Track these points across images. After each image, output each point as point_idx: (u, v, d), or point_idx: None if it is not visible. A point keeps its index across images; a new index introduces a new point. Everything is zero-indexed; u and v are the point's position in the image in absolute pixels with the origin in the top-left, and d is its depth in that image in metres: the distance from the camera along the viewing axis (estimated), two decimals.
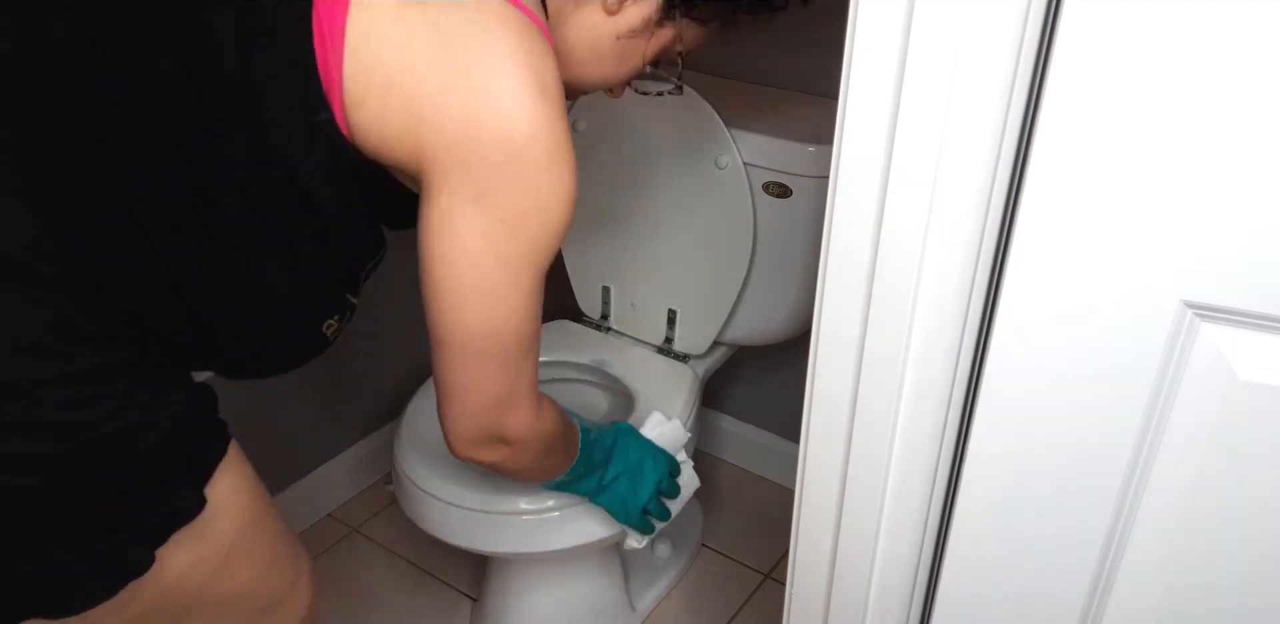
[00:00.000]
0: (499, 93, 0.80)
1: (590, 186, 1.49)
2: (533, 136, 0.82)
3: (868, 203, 0.65)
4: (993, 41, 0.57)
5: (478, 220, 0.83)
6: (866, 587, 0.83)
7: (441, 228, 0.83)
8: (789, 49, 1.45)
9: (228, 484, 0.86)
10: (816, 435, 0.78)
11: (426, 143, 0.80)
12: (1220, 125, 0.53)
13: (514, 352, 0.88)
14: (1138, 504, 0.67)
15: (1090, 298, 0.60)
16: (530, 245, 0.86)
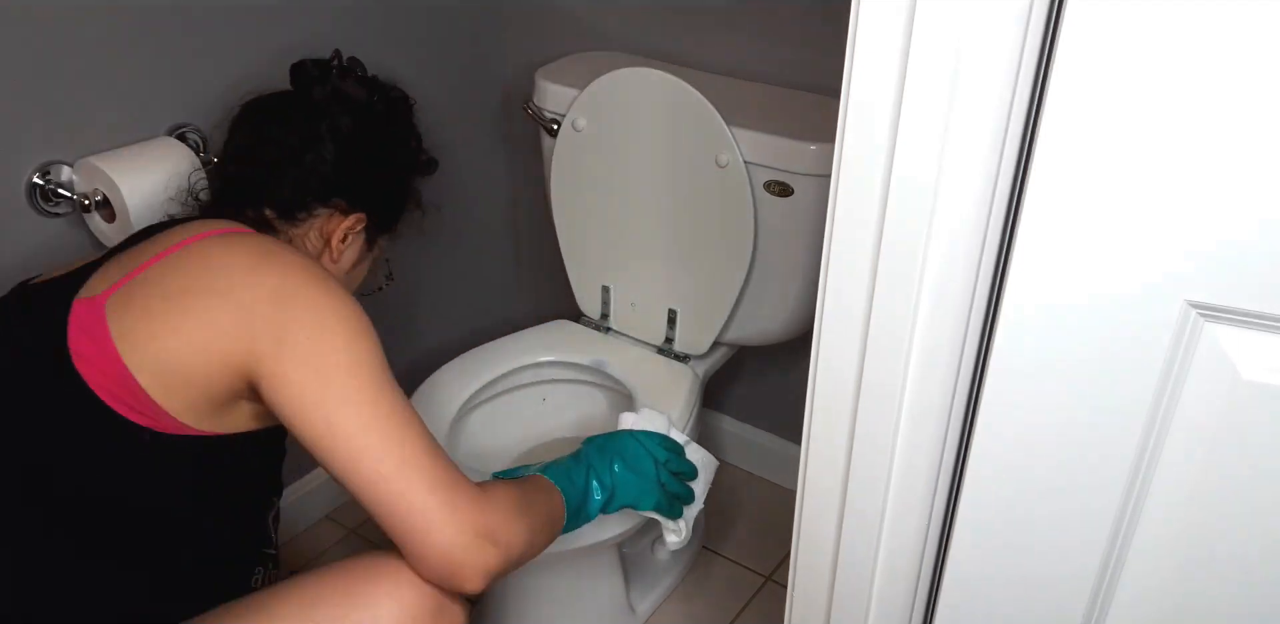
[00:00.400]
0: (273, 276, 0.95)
1: (590, 186, 1.49)
2: (321, 301, 0.95)
3: (870, 201, 0.65)
4: (995, 38, 0.56)
5: (308, 380, 0.90)
6: (869, 589, 0.83)
7: (292, 407, 0.91)
8: (790, 46, 1.44)
9: None
10: (818, 435, 0.78)
11: (248, 355, 0.91)
12: (1223, 124, 0.52)
13: (408, 451, 0.91)
14: (1142, 504, 0.66)
15: (1094, 297, 0.60)
16: (349, 364, 0.94)
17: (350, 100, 1.13)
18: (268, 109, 1.13)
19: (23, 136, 1.19)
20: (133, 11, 1.23)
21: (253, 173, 1.10)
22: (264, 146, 1.10)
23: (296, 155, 1.08)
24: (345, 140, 1.10)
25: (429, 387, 1.45)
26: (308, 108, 1.11)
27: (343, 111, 1.11)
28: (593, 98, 1.41)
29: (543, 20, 1.67)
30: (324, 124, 1.09)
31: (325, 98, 1.12)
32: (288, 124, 1.10)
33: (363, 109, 1.13)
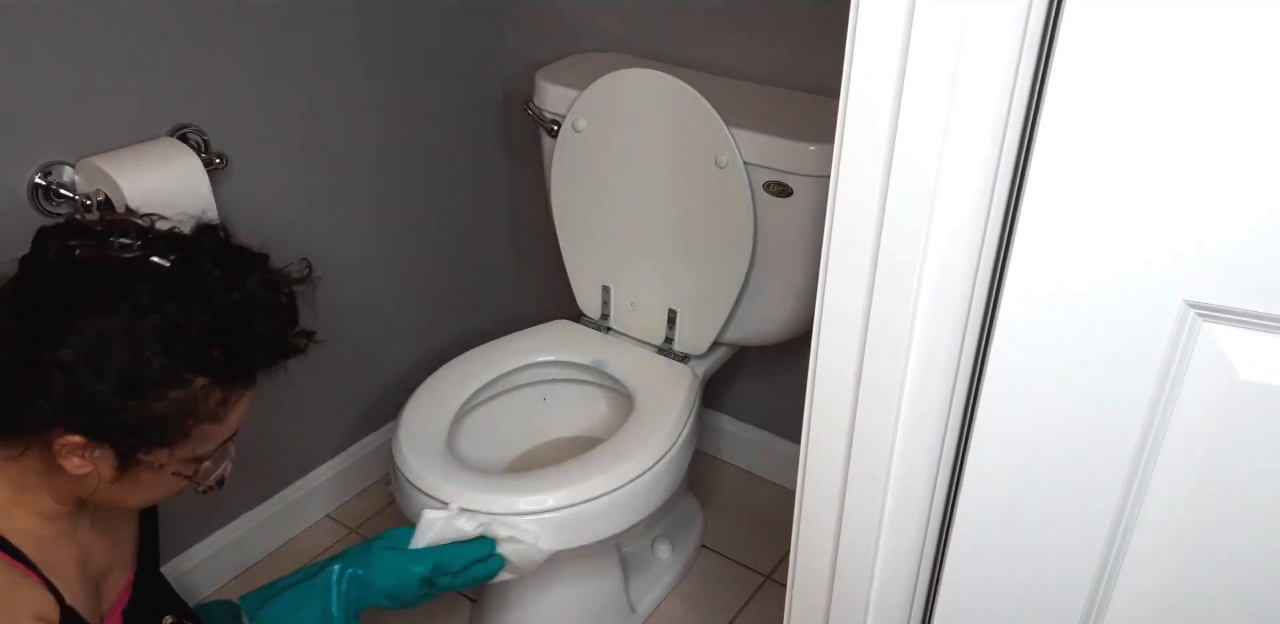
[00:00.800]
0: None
1: (590, 186, 1.49)
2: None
3: (869, 202, 0.65)
4: (995, 38, 0.57)
5: None
6: (868, 587, 0.83)
7: None
8: (790, 46, 1.45)
9: None
10: (818, 435, 0.78)
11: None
12: (1221, 123, 0.53)
13: None
14: (1140, 504, 0.66)
15: (1092, 297, 0.60)
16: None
17: (88, 297, 0.84)
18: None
19: (25, 137, 1.19)
20: (134, 11, 1.23)
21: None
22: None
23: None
24: (59, 363, 0.83)
25: (429, 386, 1.45)
26: (22, 306, 0.86)
27: (67, 319, 0.83)
28: (593, 98, 1.41)
29: (543, 20, 1.67)
30: (33, 337, 0.84)
31: (49, 296, 0.85)
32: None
33: (123, 302, 0.84)
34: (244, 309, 0.90)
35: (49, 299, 0.86)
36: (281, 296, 0.95)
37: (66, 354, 0.83)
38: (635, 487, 1.29)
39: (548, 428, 1.59)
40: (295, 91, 1.45)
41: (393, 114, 1.61)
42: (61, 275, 0.88)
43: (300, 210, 1.54)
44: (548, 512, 1.24)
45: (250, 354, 0.93)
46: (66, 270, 0.88)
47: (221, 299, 0.89)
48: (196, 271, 0.88)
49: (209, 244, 0.92)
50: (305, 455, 1.76)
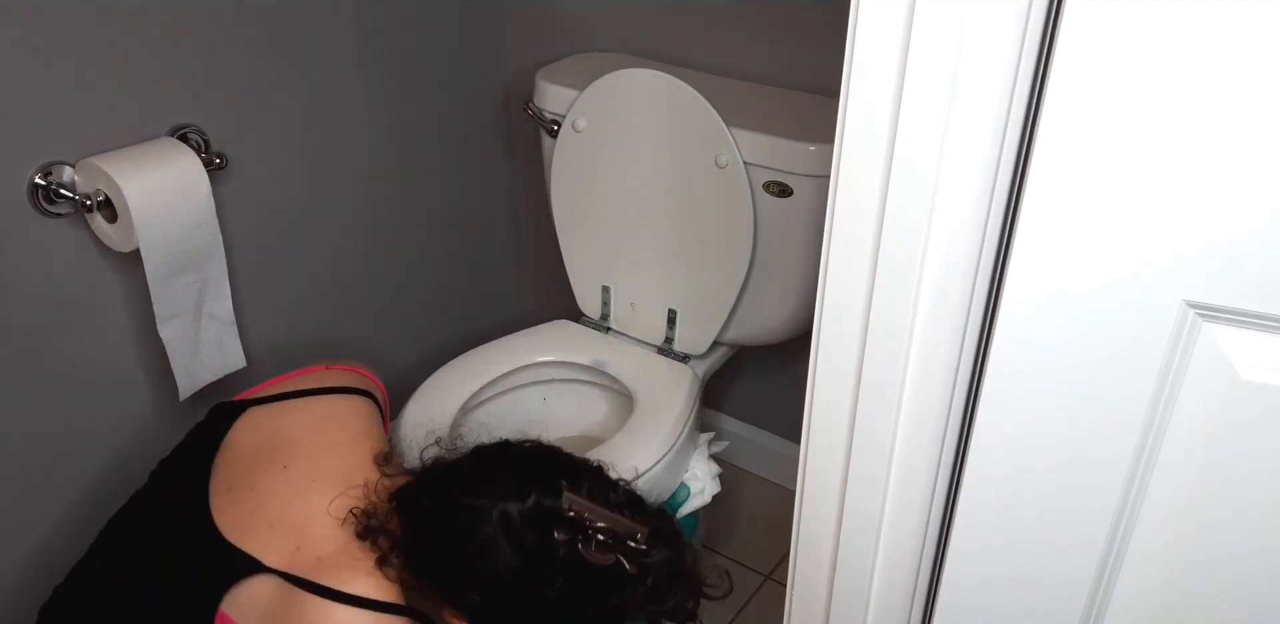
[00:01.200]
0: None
1: (590, 186, 1.49)
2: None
3: (869, 202, 0.65)
4: (995, 38, 0.57)
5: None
6: (868, 587, 0.83)
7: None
8: (790, 46, 1.45)
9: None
10: (818, 435, 0.78)
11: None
12: (1221, 124, 0.53)
13: None
14: (1140, 503, 0.67)
15: (1092, 297, 0.60)
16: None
17: (539, 567, 0.98)
18: (487, 501, 0.99)
19: (24, 137, 1.19)
20: (134, 11, 1.23)
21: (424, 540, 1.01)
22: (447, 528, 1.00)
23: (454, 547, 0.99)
24: (483, 584, 0.99)
25: (429, 387, 1.45)
26: (504, 534, 0.98)
27: (512, 574, 0.98)
28: (593, 98, 1.41)
29: (543, 20, 1.67)
30: (487, 556, 0.97)
31: (508, 545, 0.97)
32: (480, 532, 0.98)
33: (548, 584, 0.98)
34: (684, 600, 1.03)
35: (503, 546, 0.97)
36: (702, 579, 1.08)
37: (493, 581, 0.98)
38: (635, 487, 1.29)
39: (548, 428, 1.59)
40: (295, 92, 1.45)
41: (393, 114, 1.61)
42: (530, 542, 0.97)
43: (300, 210, 1.54)
44: None
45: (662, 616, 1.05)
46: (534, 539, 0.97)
47: (672, 594, 1.01)
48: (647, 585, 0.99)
49: (663, 556, 1.01)
50: None
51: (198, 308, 1.35)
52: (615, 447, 1.33)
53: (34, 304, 1.27)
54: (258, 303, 1.52)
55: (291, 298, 1.59)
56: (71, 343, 1.32)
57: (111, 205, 1.21)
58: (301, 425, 1.14)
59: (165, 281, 1.29)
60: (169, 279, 1.29)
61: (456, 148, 1.75)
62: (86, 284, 1.31)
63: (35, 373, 1.29)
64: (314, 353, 1.65)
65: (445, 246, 1.82)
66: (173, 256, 1.27)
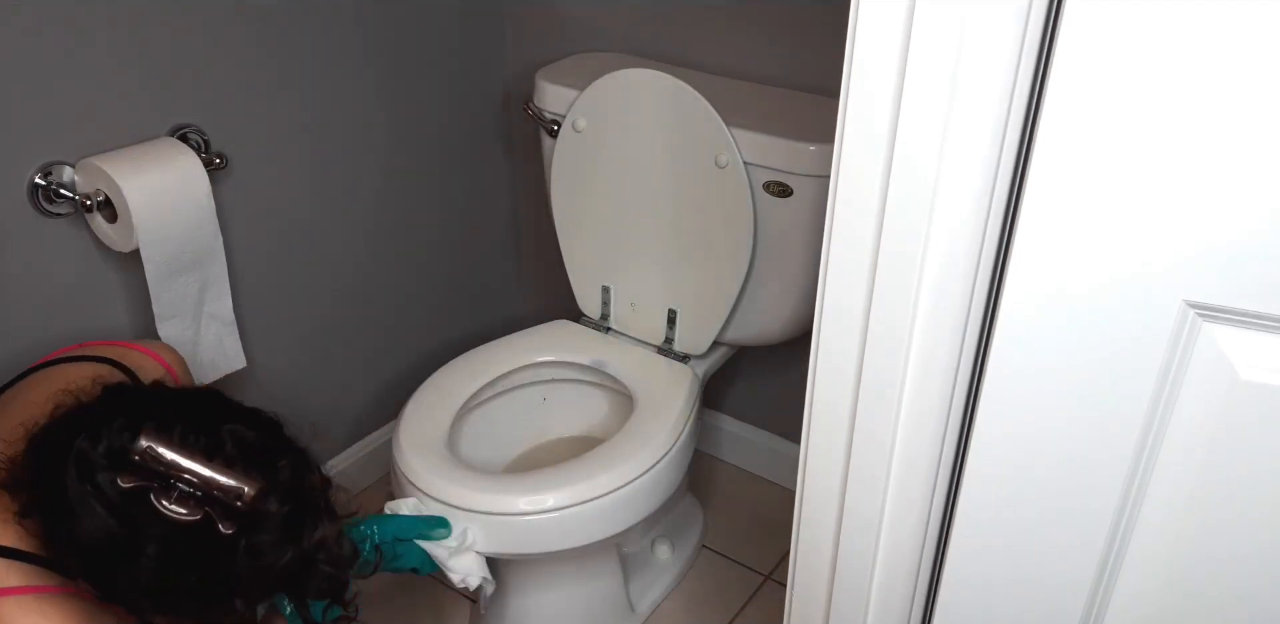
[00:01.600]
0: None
1: (590, 186, 1.49)
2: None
3: (869, 202, 0.65)
4: (995, 38, 0.57)
5: None
6: (868, 587, 0.83)
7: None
8: (790, 46, 1.45)
9: None
10: (818, 435, 0.78)
11: None
12: (1221, 123, 0.53)
13: None
14: (1140, 503, 0.67)
15: (1092, 297, 0.60)
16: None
17: (132, 520, 0.86)
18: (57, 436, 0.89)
19: (24, 137, 1.19)
20: (134, 11, 1.23)
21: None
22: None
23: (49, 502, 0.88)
24: (70, 541, 0.87)
25: (429, 387, 1.45)
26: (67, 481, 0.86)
27: (96, 527, 0.85)
28: (593, 98, 1.41)
29: (543, 20, 1.67)
30: (68, 510, 0.86)
31: (87, 494, 0.86)
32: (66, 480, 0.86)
33: (143, 542, 0.85)
34: (298, 567, 0.91)
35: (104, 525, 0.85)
36: (339, 551, 0.95)
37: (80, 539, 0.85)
38: (635, 487, 1.29)
39: (548, 428, 1.59)
40: (295, 92, 1.45)
41: (393, 114, 1.61)
42: (110, 505, 0.85)
43: (300, 210, 1.54)
44: (548, 511, 1.24)
45: (301, 595, 0.97)
46: (114, 502, 0.85)
47: (276, 560, 0.89)
48: (252, 539, 0.88)
49: (271, 513, 0.89)
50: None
51: (197, 308, 1.35)
52: (615, 447, 1.33)
53: (34, 304, 1.27)
54: (258, 303, 1.52)
55: (291, 298, 1.59)
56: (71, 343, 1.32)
57: (111, 205, 1.21)
58: (11, 394, 1.04)
59: (165, 281, 1.29)
60: (169, 279, 1.29)
61: (456, 148, 1.75)
62: (86, 284, 1.31)
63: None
64: (314, 352, 1.65)
65: (445, 246, 1.82)
66: (173, 257, 1.27)
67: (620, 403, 1.53)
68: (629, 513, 1.31)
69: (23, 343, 1.27)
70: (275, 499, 0.88)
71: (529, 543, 1.26)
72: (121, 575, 0.87)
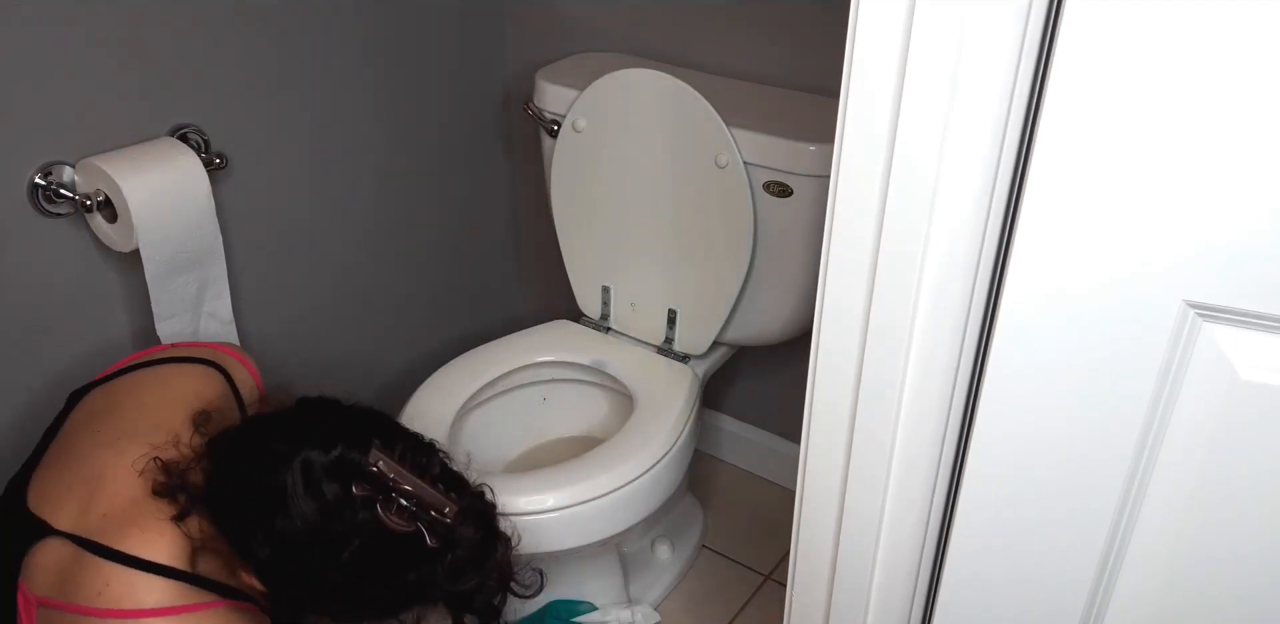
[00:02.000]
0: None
1: (590, 186, 1.49)
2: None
3: (869, 202, 0.65)
4: (995, 38, 0.57)
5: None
6: (868, 587, 0.83)
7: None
8: (790, 46, 1.45)
9: None
10: (818, 435, 0.78)
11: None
12: (1221, 123, 0.53)
13: None
14: (1140, 504, 0.67)
15: (1092, 297, 0.60)
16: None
17: (333, 526, 0.93)
18: (282, 442, 0.97)
19: (24, 137, 1.19)
20: (134, 11, 1.23)
21: (231, 510, 0.97)
22: (259, 498, 0.95)
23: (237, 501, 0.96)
24: (273, 541, 0.94)
25: (429, 387, 1.45)
26: (293, 478, 0.93)
27: (308, 532, 0.93)
28: (593, 98, 1.41)
29: (543, 20, 1.67)
30: (277, 507, 0.93)
31: (307, 501, 0.93)
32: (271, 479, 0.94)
33: (344, 547, 0.93)
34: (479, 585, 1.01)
35: (299, 500, 0.93)
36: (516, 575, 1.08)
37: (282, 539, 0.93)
38: (635, 486, 1.29)
39: (548, 428, 1.59)
40: (295, 92, 1.45)
41: (393, 114, 1.61)
42: (328, 508, 0.93)
43: (300, 210, 1.54)
44: (548, 511, 1.24)
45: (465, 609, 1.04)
46: (333, 505, 0.93)
47: (471, 577, 1.00)
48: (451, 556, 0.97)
49: (468, 536, 0.99)
50: None
51: (197, 308, 1.35)
52: (615, 447, 1.33)
53: (34, 304, 1.27)
54: (257, 303, 1.52)
55: (291, 298, 1.59)
56: (71, 342, 1.32)
57: (111, 205, 1.21)
58: (123, 392, 1.09)
59: (165, 281, 1.29)
60: (168, 279, 1.29)
61: (456, 148, 1.75)
62: (86, 284, 1.31)
63: (35, 373, 1.29)
64: (313, 352, 1.65)
65: (445, 246, 1.82)
66: (172, 256, 1.27)
67: (620, 403, 1.53)
68: (629, 513, 1.31)
69: (22, 343, 1.27)
70: (471, 520, 0.98)
71: (529, 543, 1.26)
72: (307, 569, 0.95)
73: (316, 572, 0.95)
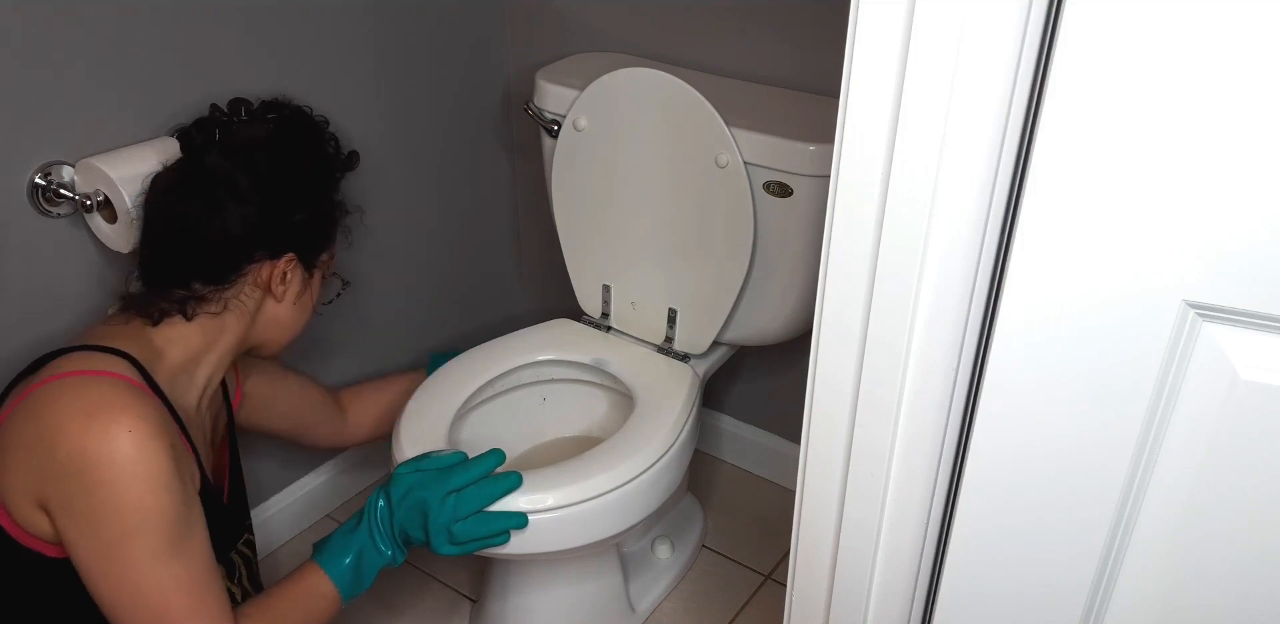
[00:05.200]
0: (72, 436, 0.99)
1: (590, 186, 1.49)
2: (96, 462, 0.98)
3: (869, 202, 0.65)
4: (995, 39, 0.57)
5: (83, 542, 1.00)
6: (868, 587, 0.83)
7: (81, 562, 1.01)
8: (790, 46, 1.45)
9: None
10: (817, 435, 0.78)
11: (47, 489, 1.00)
12: (1223, 125, 0.53)
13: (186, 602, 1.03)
14: (1140, 506, 0.66)
15: (1092, 297, 0.60)
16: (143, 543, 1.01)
17: (247, 151, 1.14)
18: (167, 186, 1.15)
19: (24, 137, 1.19)
20: (134, 11, 1.23)
21: (165, 254, 1.14)
22: (169, 225, 1.13)
23: (203, 227, 1.11)
24: (249, 198, 1.11)
25: (429, 386, 1.45)
26: (203, 177, 1.13)
27: (240, 169, 1.12)
28: (593, 98, 1.41)
29: (543, 20, 1.67)
30: (222, 190, 1.11)
31: (218, 164, 1.13)
32: (187, 198, 1.12)
33: (262, 153, 1.14)
34: (324, 140, 1.26)
35: (219, 166, 1.13)
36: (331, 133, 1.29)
37: (235, 212, 1.11)
38: (635, 486, 1.29)
39: (548, 428, 1.59)
40: (295, 92, 1.45)
41: (393, 114, 1.61)
42: (218, 150, 1.15)
43: None
44: (548, 511, 1.24)
45: (339, 166, 1.27)
46: (217, 146, 1.16)
47: (312, 137, 1.24)
48: (298, 115, 1.25)
49: (287, 108, 1.25)
50: (305, 455, 1.76)
51: None
52: (615, 446, 1.33)
53: (33, 304, 1.27)
54: None
55: None
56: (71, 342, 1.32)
57: (111, 205, 1.21)
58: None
59: None
60: None
61: (457, 148, 1.75)
62: (86, 284, 1.31)
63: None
64: (313, 351, 1.65)
65: (446, 246, 1.82)
66: None
67: (620, 403, 1.53)
68: (629, 513, 1.31)
69: (22, 343, 1.27)
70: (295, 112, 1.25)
71: (529, 543, 1.26)
72: (287, 193, 1.15)
73: (286, 188, 1.15)
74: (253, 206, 1.12)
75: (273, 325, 1.22)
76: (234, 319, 1.17)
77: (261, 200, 1.12)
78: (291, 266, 1.18)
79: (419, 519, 1.20)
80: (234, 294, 1.15)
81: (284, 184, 1.15)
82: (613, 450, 1.32)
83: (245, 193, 1.11)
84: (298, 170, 1.17)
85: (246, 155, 1.14)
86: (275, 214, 1.14)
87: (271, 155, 1.15)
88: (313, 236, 1.21)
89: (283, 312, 1.21)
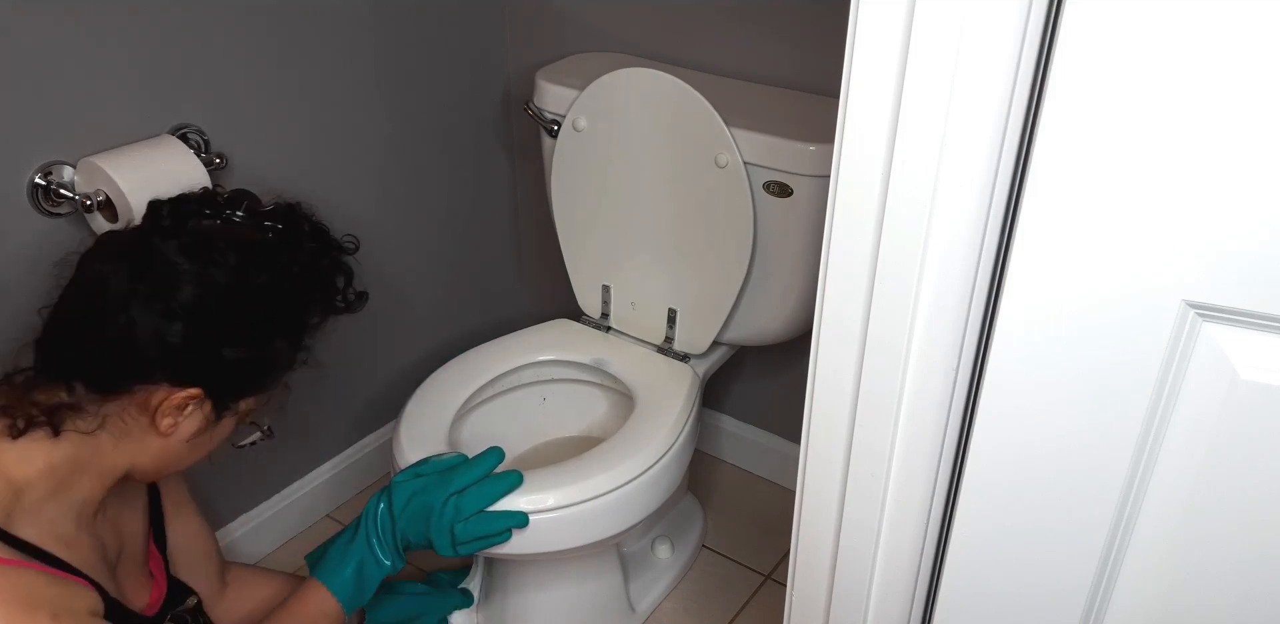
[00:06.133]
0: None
1: (590, 186, 1.49)
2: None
3: (869, 202, 0.65)
4: (995, 39, 0.57)
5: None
6: (868, 587, 0.83)
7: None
8: (790, 46, 1.45)
9: None
10: (817, 435, 0.78)
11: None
12: (1223, 125, 0.53)
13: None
14: (1139, 506, 0.67)
15: (1092, 297, 0.60)
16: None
17: (213, 256, 0.93)
18: (106, 251, 0.96)
19: (25, 136, 1.19)
20: (134, 11, 1.23)
21: (65, 329, 0.96)
22: (82, 294, 0.94)
23: (108, 319, 0.91)
24: (177, 314, 0.91)
25: (429, 387, 1.45)
26: (144, 263, 0.92)
27: (190, 277, 0.91)
28: (593, 98, 1.41)
29: (543, 20, 1.67)
30: (155, 289, 0.91)
31: (169, 259, 0.92)
32: (113, 276, 0.92)
33: (230, 266, 0.93)
34: (329, 273, 1.04)
35: (169, 261, 0.92)
36: (347, 264, 1.08)
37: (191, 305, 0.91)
38: (635, 486, 1.29)
39: (548, 428, 1.59)
40: (295, 91, 1.45)
41: (393, 114, 1.61)
42: (181, 240, 0.94)
43: None
44: (548, 511, 1.24)
45: (329, 310, 1.06)
46: (184, 235, 0.95)
47: (315, 266, 1.03)
48: (296, 243, 1.02)
49: (303, 221, 1.05)
50: (305, 455, 1.76)
51: None
52: (615, 446, 1.33)
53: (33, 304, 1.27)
54: None
55: None
56: None
57: (111, 205, 1.21)
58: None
59: None
60: None
61: (456, 148, 1.75)
62: None
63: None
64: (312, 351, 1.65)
65: (445, 246, 1.82)
66: None
67: (620, 403, 1.53)
68: (629, 513, 1.31)
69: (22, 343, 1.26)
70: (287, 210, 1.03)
71: (529, 543, 1.26)
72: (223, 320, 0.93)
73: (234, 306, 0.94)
74: (178, 323, 0.91)
75: (156, 457, 0.99)
76: (109, 442, 0.95)
77: (192, 322, 0.91)
78: (194, 403, 0.96)
79: (422, 525, 1.19)
80: (115, 412, 0.94)
81: (235, 311, 0.94)
82: (613, 450, 1.32)
83: (178, 306, 0.91)
84: (266, 301, 0.97)
85: (209, 262, 0.92)
86: (201, 342, 0.93)
87: (242, 272, 0.94)
88: (237, 379, 0.99)
89: (169, 446, 0.99)
